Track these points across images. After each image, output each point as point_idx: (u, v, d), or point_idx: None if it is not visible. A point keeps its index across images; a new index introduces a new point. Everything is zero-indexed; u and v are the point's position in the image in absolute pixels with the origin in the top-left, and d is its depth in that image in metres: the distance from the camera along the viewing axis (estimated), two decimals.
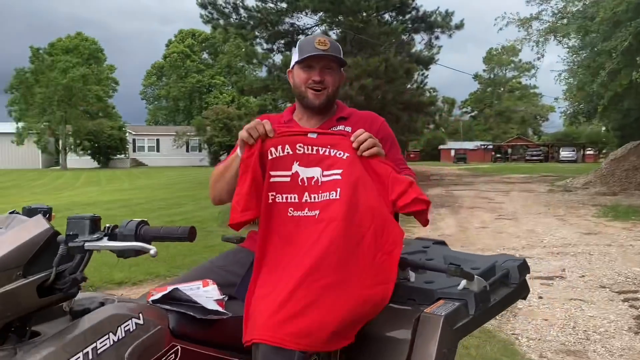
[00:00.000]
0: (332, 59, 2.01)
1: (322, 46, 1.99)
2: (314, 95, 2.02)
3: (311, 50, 1.99)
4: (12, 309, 1.30)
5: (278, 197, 1.74)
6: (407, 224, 10.00)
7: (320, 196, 1.76)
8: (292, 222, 1.73)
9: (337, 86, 2.07)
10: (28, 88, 44.37)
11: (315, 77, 2.00)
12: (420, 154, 65.83)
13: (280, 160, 1.76)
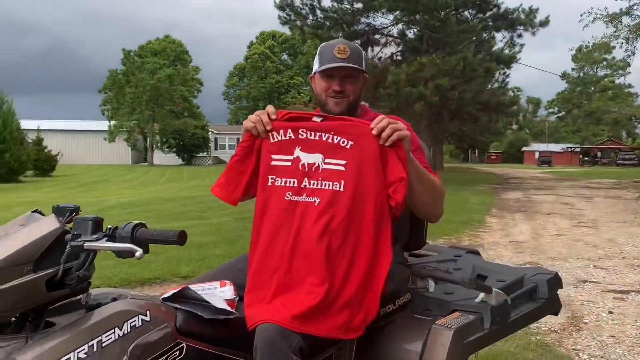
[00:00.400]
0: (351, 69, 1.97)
1: (342, 55, 1.95)
2: (334, 104, 2.00)
3: (331, 60, 1.96)
4: (23, 301, 1.41)
5: (277, 180, 1.74)
6: (476, 229, 9.70)
7: (321, 184, 1.73)
8: (289, 205, 1.73)
9: (359, 93, 2.03)
10: (120, 88, 47.26)
11: (335, 87, 1.98)
12: (502, 156, 63.58)
13: (283, 144, 1.76)
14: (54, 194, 18.11)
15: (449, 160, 66.80)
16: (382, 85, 20.82)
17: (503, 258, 7.79)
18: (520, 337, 4.47)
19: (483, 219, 12.21)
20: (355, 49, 2.02)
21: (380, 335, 1.91)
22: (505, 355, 4.04)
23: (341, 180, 1.73)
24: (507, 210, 14.21)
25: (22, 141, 25.42)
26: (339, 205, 1.70)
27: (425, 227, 2.20)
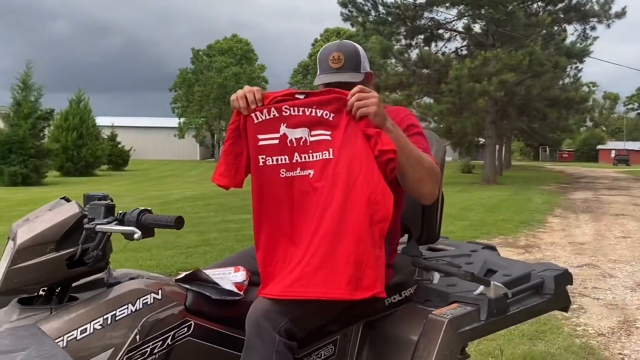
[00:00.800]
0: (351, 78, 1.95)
1: (336, 64, 1.98)
2: None
3: (326, 69, 2.00)
4: (46, 276, 1.59)
5: (268, 159, 1.78)
6: (535, 229, 9.46)
7: (312, 155, 1.79)
8: (285, 182, 1.79)
9: None
10: (189, 87, 49.03)
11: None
12: (574, 154, 60.79)
13: (267, 124, 1.81)
14: (125, 187, 19.09)
15: (519, 158, 64.62)
16: (444, 80, 20.48)
17: (559, 259, 7.55)
18: (563, 339, 4.38)
19: (544, 219, 11.83)
20: (351, 54, 2.01)
21: (384, 323, 1.98)
22: (543, 356, 3.97)
23: (329, 148, 1.78)
24: (572, 211, 13.67)
25: (97, 137, 26.95)
26: (331, 171, 1.76)
27: (437, 222, 2.24)
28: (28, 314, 1.59)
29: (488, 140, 23.52)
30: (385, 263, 2.03)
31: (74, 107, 26.38)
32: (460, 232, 9.53)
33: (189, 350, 1.73)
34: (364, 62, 2.05)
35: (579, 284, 6.21)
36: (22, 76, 20.97)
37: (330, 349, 1.97)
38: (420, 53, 21.81)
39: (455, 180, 25.19)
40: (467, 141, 44.14)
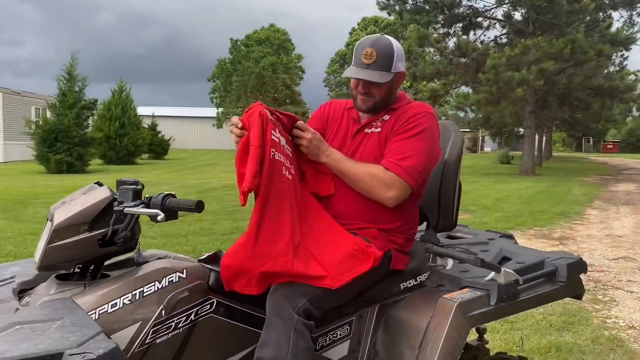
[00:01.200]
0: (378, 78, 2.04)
1: (368, 60, 2.05)
2: (361, 101, 2.14)
3: (357, 63, 2.08)
4: (79, 254, 1.73)
5: (277, 154, 1.87)
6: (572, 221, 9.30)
7: (288, 162, 1.94)
8: (286, 179, 1.90)
9: (385, 93, 2.12)
10: (227, 77, 49.56)
11: (360, 89, 2.12)
12: (619, 145, 58.79)
13: (272, 122, 1.91)
14: (165, 176, 19.57)
15: (561, 149, 62.96)
16: (482, 69, 20.14)
17: (594, 252, 7.43)
18: (592, 330, 4.35)
19: (582, 211, 11.59)
20: (384, 52, 2.07)
21: (398, 306, 2.06)
22: (569, 347, 3.97)
23: (292, 165, 1.97)
24: (612, 203, 13.33)
25: (138, 126, 27.59)
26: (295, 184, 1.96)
27: (453, 210, 2.29)
28: (64, 289, 1.73)
29: (527, 130, 23.03)
30: (403, 251, 2.11)
31: (116, 97, 27.07)
32: (493, 223, 9.45)
33: (211, 326, 1.85)
34: (397, 62, 2.09)
35: (613, 277, 6.11)
36: (67, 67, 21.64)
37: (346, 329, 2.07)
38: (457, 42, 21.48)
39: (493, 171, 24.80)
40: (506, 131, 43.36)
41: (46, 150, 20.38)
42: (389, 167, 1.99)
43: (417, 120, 2.05)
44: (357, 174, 2.02)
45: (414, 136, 2.03)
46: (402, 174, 1.98)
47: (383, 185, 1.99)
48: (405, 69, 2.18)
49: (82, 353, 1.29)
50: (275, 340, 1.76)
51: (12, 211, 9.85)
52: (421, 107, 2.12)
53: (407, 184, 1.99)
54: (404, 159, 1.99)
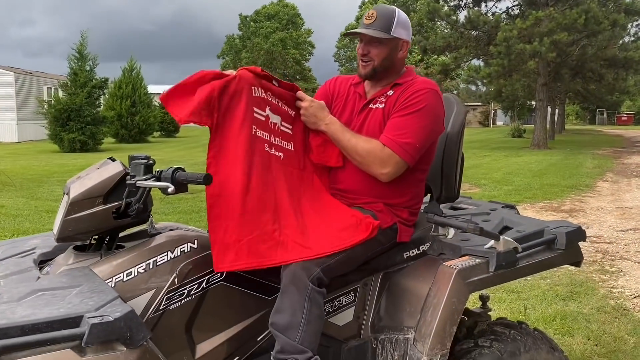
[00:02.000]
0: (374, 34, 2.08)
1: (368, 20, 2.11)
2: (361, 67, 2.17)
3: (360, 25, 2.14)
4: (95, 225, 1.82)
5: (258, 132, 1.93)
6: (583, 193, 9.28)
7: (281, 142, 2.03)
8: (267, 157, 1.96)
9: (386, 57, 2.14)
10: (236, 53, 49.42)
11: (360, 49, 2.16)
12: (634, 117, 57.92)
13: (259, 100, 1.97)
14: (177, 153, 19.71)
15: (574, 122, 62.20)
16: (494, 42, 19.88)
17: (604, 224, 7.46)
18: (597, 300, 4.42)
19: (594, 184, 11.56)
20: (384, 14, 2.12)
21: (400, 274, 2.14)
22: (574, 316, 4.04)
23: (291, 141, 2.06)
24: (624, 175, 13.26)
25: (149, 104, 27.66)
26: (292, 162, 2.06)
27: (456, 181, 2.34)
28: (82, 259, 1.83)
29: (539, 103, 22.80)
30: (408, 224, 2.18)
31: (127, 76, 27.10)
32: (503, 196, 9.48)
33: (222, 292, 1.94)
34: (397, 27, 2.12)
35: (621, 248, 6.15)
36: (77, 46, 21.72)
37: (351, 296, 2.15)
38: (468, 14, 21.17)
39: (504, 144, 24.66)
40: (518, 105, 42.86)
41: (59, 130, 20.58)
42: (386, 143, 2.03)
43: (418, 96, 2.07)
44: (355, 147, 2.06)
45: (413, 113, 2.06)
46: (398, 151, 2.02)
47: (379, 161, 2.03)
48: (409, 39, 2.20)
49: (100, 316, 1.38)
50: (290, 307, 1.84)
51: (28, 189, 10.04)
52: (424, 84, 2.14)
53: (402, 160, 2.03)
54: (401, 135, 2.03)
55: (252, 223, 1.86)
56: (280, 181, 1.98)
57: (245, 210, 1.86)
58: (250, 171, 1.90)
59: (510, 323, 2.18)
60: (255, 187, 1.90)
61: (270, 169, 1.97)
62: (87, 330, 1.34)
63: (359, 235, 1.94)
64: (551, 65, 21.32)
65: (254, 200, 1.89)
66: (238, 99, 1.89)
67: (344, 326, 2.15)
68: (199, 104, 1.81)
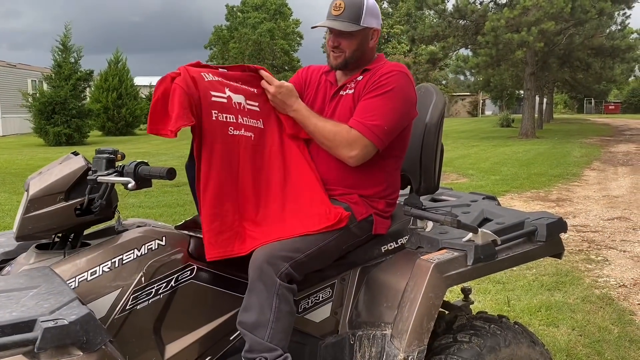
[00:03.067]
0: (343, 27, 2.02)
1: (336, 11, 2.04)
2: (333, 58, 2.11)
3: (328, 15, 2.07)
4: (57, 223, 1.74)
5: (220, 115, 1.88)
6: (570, 182, 9.31)
7: (249, 121, 1.98)
8: (233, 140, 1.90)
9: (357, 48, 2.08)
10: (224, 44, 48.91)
11: (330, 41, 2.10)
12: (621, 106, 58.32)
13: (215, 83, 1.91)
14: (163, 146, 19.52)
15: (563, 111, 62.52)
16: (481, 31, 19.84)
17: (590, 213, 7.46)
18: (582, 290, 4.41)
19: (581, 172, 11.59)
20: (354, 3, 2.04)
21: (378, 269, 2.08)
22: (559, 306, 4.03)
23: (260, 118, 2.01)
24: (610, 164, 13.32)
25: (136, 97, 27.36)
26: (264, 138, 2.02)
27: (435, 173, 2.28)
28: (43, 258, 1.75)
29: (527, 92, 22.84)
30: (384, 216, 2.12)
31: (113, 68, 26.78)
32: (490, 186, 9.47)
33: (192, 291, 1.87)
34: (366, 16, 2.06)
35: (607, 237, 6.15)
36: (61, 38, 21.39)
37: (328, 292, 2.09)
38: (456, 3, 21.10)
39: (493, 134, 24.71)
40: (506, 94, 42.96)
41: (44, 123, 20.32)
42: (353, 126, 1.98)
43: (387, 79, 2.01)
44: (322, 130, 2.02)
45: (381, 94, 2.00)
46: (366, 133, 1.96)
47: (345, 143, 1.98)
48: (379, 26, 2.15)
49: (54, 319, 1.31)
50: (258, 305, 1.78)
51: (10, 184, 9.90)
52: (393, 66, 2.09)
53: (371, 143, 1.97)
54: (369, 117, 1.98)
55: (213, 214, 1.83)
56: (246, 165, 1.94)
57: (205, 201, 1.83)
58: (210, 160, 1.85)
59: (490, 317, 2.13)
60: (215, 176, 1.85)
61: (236, 153, 1.92)
62: (39, 334, 1.27)
63: (324, 222, 1.90)
64: (539, 54, 21.33)
65: (215, 190, 1.85)
66: (195, 88, 1.83)
67: (321, 322, 2.09)
68: (180, 104, 1.76)
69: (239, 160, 1.92)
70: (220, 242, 1.82)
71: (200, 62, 1.97)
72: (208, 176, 1.84)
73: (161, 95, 1.80)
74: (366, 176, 2.07)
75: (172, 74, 1.85)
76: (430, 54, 22.69)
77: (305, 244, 1.88)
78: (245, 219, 1.91)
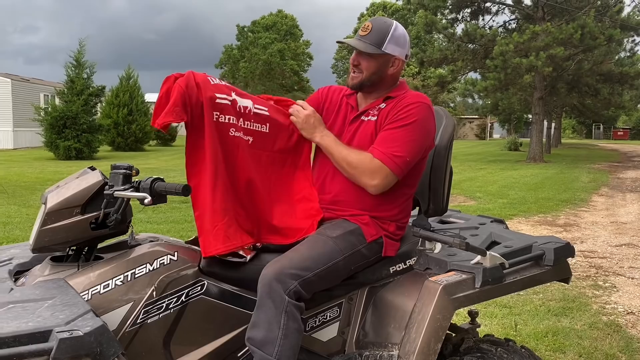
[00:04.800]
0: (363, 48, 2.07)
1: (363, 32, 2.10)
2: (351, 77, 2.17)
3: (356, 35, 2.13)
4: (72, 236, 1.78)
5: (222, 117, 1.94)
6: (578, 207, 9.25)
7: (253, 125, 2.05)
8: (233, 141, 1.97)
9: (373, 71, 2.12)
10: (234, 63, 49.46)
11: (352, 58, 2.15)
12: (630, 132, 58.18)
13: (221, 87, 1.97)
14: (172, 162, 19.66)
15: (571, 136, 62.43)
16: (490, 55, 19.97)
17: (598, 239, 7.43)
18: (590, 316, 4.38)
19: (589, 198, 11.55)
20: (379, 28, 2.10)
21: (386, 289, 2.10)
22: (566, 332, 4.00)
23: (267, 123, 2.09)
24: (619, 190, 13.26)
25: (146, 113, 27.59)
26: (266, 143, 2.09)
27: (444, 195, 2.31)
28: (58, 270, 1.78)
29: (535, 117, 22.87)
30: (394, 239, 2.15)
31: (124, 84, 27.10)
32: (498, 209, 9.46)
33: (202, 306, 1.90)
34: (389, 43, 2.10)
35: (615, 263, 6.12)
36: (75, 54, 21.73)
37: (336, 311, 2.11)
38: (466, 27, 21.29)
39: (500, 157, 24.69)
40: (514, 118, 42.99)
41: (55, 137, 20.52)
42: (376, 155, 2.03)
43: (409, 110, 2.05)
44: (346, 158, 2.07)
45: (405, 126, 2.04)
46: (388, 163, 2.01)
47: (368, 173, 2.03)
48: (404, 57, 2.18)
49: (70, 330, 1.33)
50: (266, 322, 1.80)
51: (21, 197, 9.98)
52: (416, 97, 2.12)
53: (392, 173, 2.01)
54: (392, 148, 2.02)
55: (224, 208, 1.92)
56: (246, 166, 2.01)
57: (215, 198, 1.90)
58: (215, 158, 1.91)
59: (497, 340, 2.14)
60: (221, 174, 1.92)
61: (236, 153, 1.98)
62: (55, 345, 1.29)
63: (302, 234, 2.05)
64: (547, 79, 21.41)
65: (222, 187, 1.92)
66: (199, 90, 1.90)
67: (328, 342, 2.10)
68: (174, 102, 1.85)
69: (237, 160, 1.99)
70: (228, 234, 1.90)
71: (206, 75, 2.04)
72: (216, 174, 1.91)
73: (164, 93, 1.91)
74: (380, 200, 2.11)
75: (177, 74, 1.95)
76: (439, 77, 22.83)
77: (314, 263, 1.90)
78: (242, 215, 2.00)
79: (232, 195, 1.97)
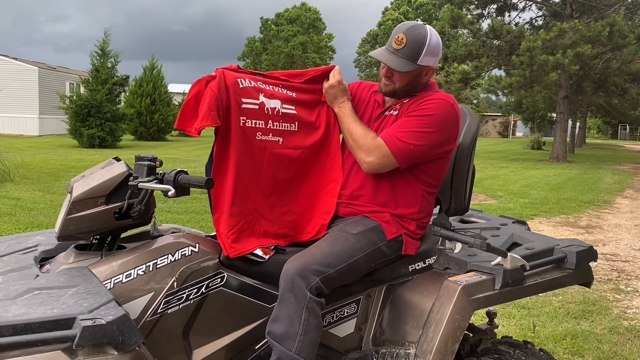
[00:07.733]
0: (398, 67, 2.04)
1: (397, 45, 2.05)
2: (384, 84, 2.16)
3: (388, 45, 2.09)
4: (96, 225, 1.81)
5: (248, 121, 1.97)
6: (601, 209, 9.08)
7: (282, 125, 2.07)
8: (260, 144, 2.00)
9: (406, 83, 2.11)
10: (257, 55, 49.59)
11: (384, 71, 2.13)
12: None
13: (249, 90, 1.99)
14: (194, 152, 19.84)
15: (596, 136, 61.34)
16: (516, 52, 19.69)
17: (621, 242, 7.30)
18: (610, 320, 4.32)
19: (612, 200, 11.35)
20: (414, 41, 2.03)
21: (404, 287, 2.10)
22: (585, 335, 3.95)
23: (295, 121, 2.12)
24: (631, 192, 13.01)
25: (169, 103, 27.82)
26: (297, 141, 2.12)
27: (465, 194, 2.29)
28: (82, 258, 1.82)
29: (560, 115, 22.50)
30: (414, 237, 2.14)
31: (148, 74, 27.32)
32: (519, 209, 9.35)
33: (221, 298, 1.92)
34: (425, 54, 2.05)
35: (638, 267, 6.02)
36: (100, 44, 21.97)
37: (354, 308, 2.11)
38: (492, 23, 21.00)
39: (523, 156, 24.38)
40: (538, 116, 42.36)
41: (79, 125, 20.82)
42: (380, 135, 2.06)
43: (430, 104, 2.05)
44: (352, 130, 2.11)
45: (418, 117, 2.04)
46: (389, 144, 2.01)
47: (366, 148, 2.05)
48: (436, 65, 2.15)
49: (93, 318, 1.36)
50: (287, 317, 1.81)
51: (45, 183, 10.16)
52: (440, 94, 2.11)
53: (391, 154, 2.01)
54: (399, 132, 2.03)
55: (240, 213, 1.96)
56: (270, 168, 2.04)
57: (234, 202, 1.94)
58: (238, 164, 1.95)
59: (515, 342, 2.12)
60: (242, 180, 1.96)
61: (262, 157, 2.02)
62: (78, 332, 1.32)
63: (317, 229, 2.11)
64: (573, 77, 21.04)
65: (242, 192, 1.96)
66: (228, 94, 1.92)
67: (344, 338, 2.11)
68: (209, 106, 1.87)
69: (263, 163, 2.02)
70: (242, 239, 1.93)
71: (239, 67, 2.06)
72: (236, 179, 1.94)
73: (194, 95, 1.93)
74: (399, 196, 2.10)
75: (208, 77, 1.96)
76: (462, 73, 22.59)
77: (335, 260, 1.91)
78: (262, 216, 2.03)
79: (254, 200, 2.00)
